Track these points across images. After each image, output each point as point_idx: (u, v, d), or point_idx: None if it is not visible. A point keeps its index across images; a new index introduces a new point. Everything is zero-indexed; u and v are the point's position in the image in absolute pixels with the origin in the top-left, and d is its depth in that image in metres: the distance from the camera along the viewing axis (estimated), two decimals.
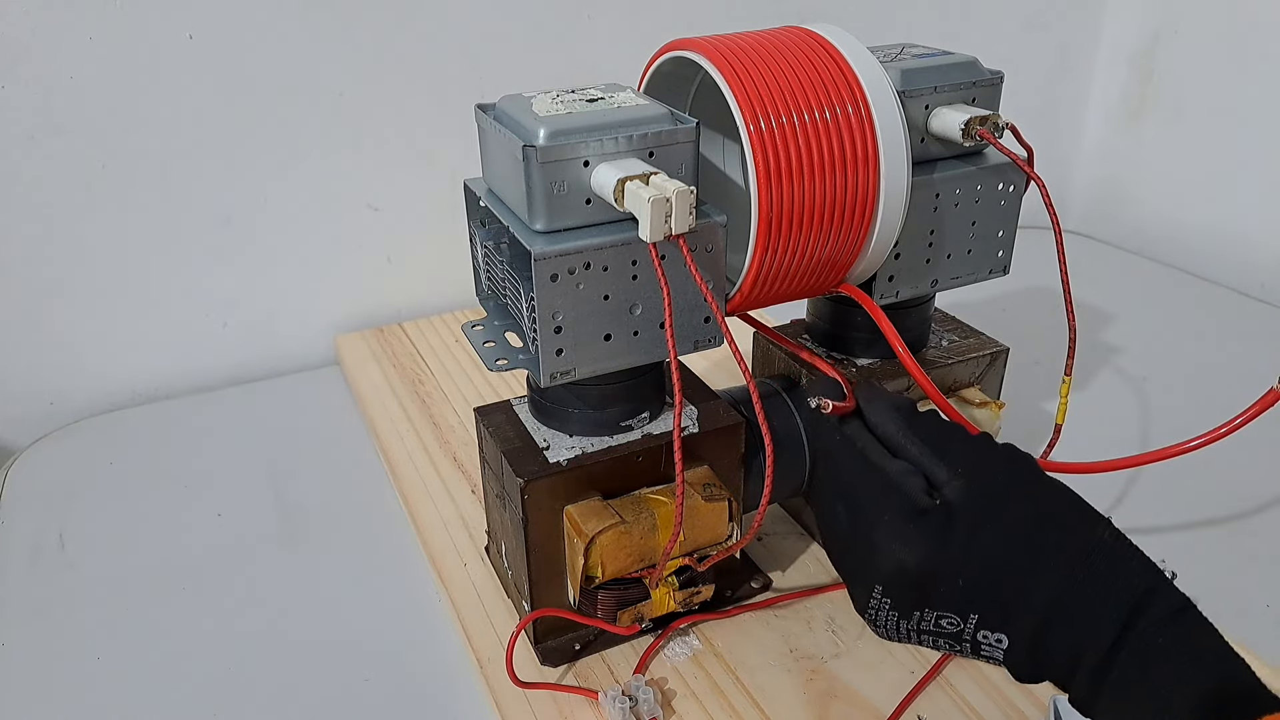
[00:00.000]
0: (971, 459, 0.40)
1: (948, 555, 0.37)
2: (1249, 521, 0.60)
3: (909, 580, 0.37)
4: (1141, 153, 1.04)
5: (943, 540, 0.37)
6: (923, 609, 0.37)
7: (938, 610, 0.37)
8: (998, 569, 0.36)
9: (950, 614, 0.37)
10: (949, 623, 0.37)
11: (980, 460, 0.40)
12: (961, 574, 0.37)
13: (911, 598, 0.38)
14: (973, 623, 0.37)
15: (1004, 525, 0.37)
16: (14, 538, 0.60)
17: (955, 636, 0.37)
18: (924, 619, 0.37)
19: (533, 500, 0.44)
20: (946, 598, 0.37)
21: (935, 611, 0.37)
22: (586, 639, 0.49)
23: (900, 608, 0.38)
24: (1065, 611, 0.35)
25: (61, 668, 0.50)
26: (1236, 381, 0.75)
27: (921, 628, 0.38)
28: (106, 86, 0.68)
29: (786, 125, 0.39)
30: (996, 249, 0.53)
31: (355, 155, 0.77)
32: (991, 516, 0.37)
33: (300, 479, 0.65)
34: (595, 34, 0.81)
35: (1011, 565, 0.36)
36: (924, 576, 0.37)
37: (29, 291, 0.71)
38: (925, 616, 0.37)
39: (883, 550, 0.38)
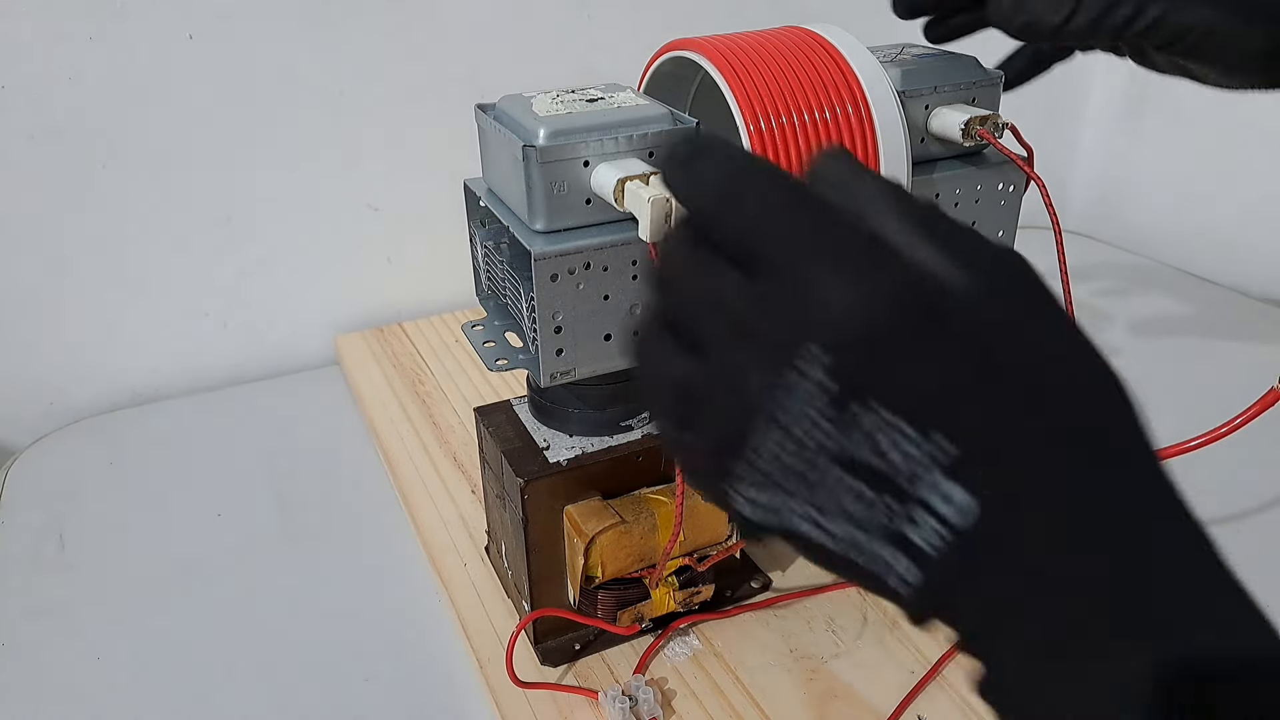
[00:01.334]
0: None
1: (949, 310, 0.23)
2: (1248, 522, 0.60)
3: (869, 336, 0.23)
4: (1142, 153, 1.04)
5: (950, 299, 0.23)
6: (873, 401, 0.23)
7: (894, 412, 0.23)
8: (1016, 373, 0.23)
9: (909, 428, 0.23)
10: (898, 448, 0.23)
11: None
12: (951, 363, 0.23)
13: (866, 373, 0.23)
14: (937, 458, 0.23)
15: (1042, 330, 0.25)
16: (14, 537, 0.60)
17: (888, 482, 0.23)
18: (867, 423, 0.23)
19: (533, 500, 0.44)
20: (922, 382, 0.23)
21: (893, 416, 0.23)
22: (586, 639, 0.49)
23: (845, 390, 0.23)
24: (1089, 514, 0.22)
25: (61, 668, 0.50)
26: (1237, 381, 0.75)
27: (847, 450, 0.23)
28: (106, 86, 0.68)
29: (786, 125, 0.39)
30: None
31: (355, 155, 0.77)
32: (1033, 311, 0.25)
33: (300, 479, 0.65)
34: (595, 34, 0.81)
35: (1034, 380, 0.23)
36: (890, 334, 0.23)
37: (28, 291, 0.71)
38: (871, 422, 0.23)
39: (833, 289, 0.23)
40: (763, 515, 0.26)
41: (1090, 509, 0.23)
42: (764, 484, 0.25)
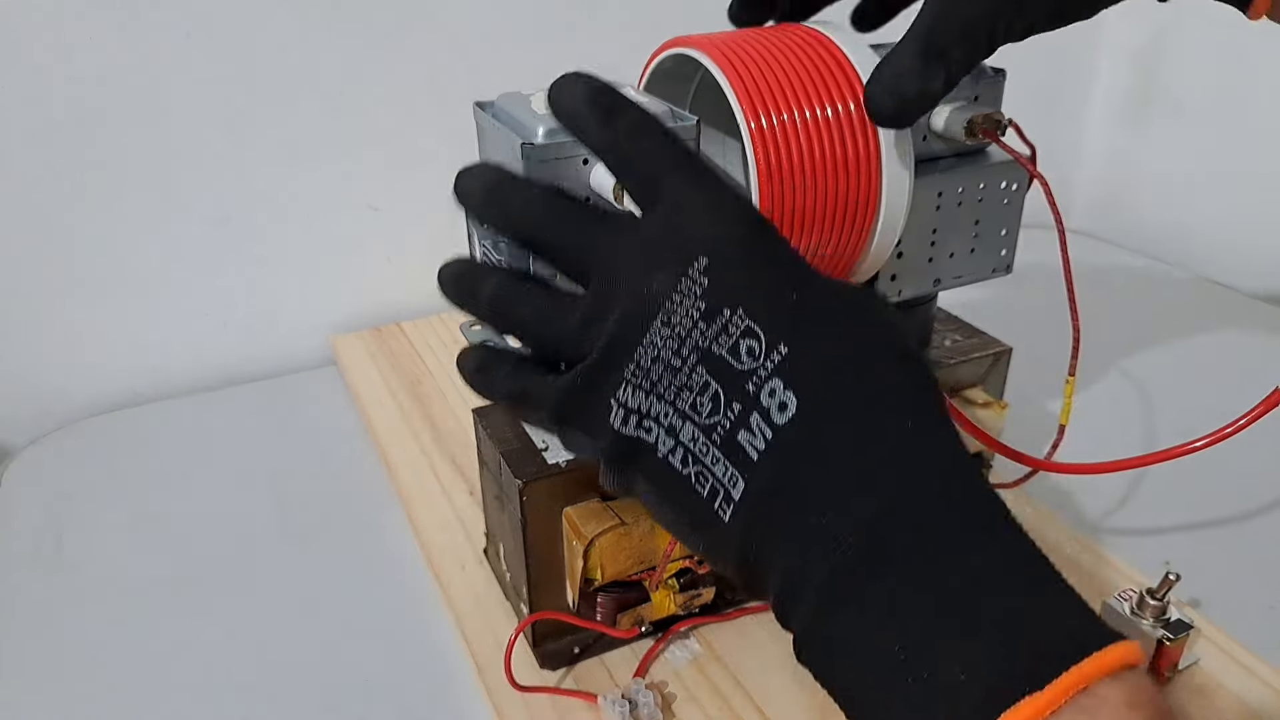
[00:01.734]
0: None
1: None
2: (1251, 522, 0.60)
3: (743, 245, 0.29)
4: (1145, 151, 1.03)
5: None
6: (736, 307, 0.28)
7: (753, 319, 0.27)
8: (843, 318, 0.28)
9: (759, 328, 0.27)
10: (749, 350, 0.27)
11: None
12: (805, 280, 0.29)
13: (738, 277, 0.28)
14: (774, 359, 0.27)
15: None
16: (12, 538, 0.59)
17: (736, 381, 0.27)
18: (729, 326, 0.28)
19: (531, 502, 0.44)
20: (773, 300, 0.28)
21: (749, 320, 0.27)
22: (586, 642, 0.48)
23: (714, 294, 0.28)
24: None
25: (60, 668, 0.50)
26: (1241, 382, 0.75)
27: (714, 348, 0.28)
28: (105, 85, 0.67)
29: (787, 123, 0.39)
30: (999, 248, 0.52)
31: (355, 155, 0.77)
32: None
33: (298, 479, 0.65)
34: (595, 33, 0.80)
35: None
36: (760, 246, 0.29)
37: (26, 291, 0.71)
38: (733, 324, 0.27)
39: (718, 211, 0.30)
40: (633, 427, 0.29)
41: (887, 429, 0.26)
42: (641, 385, 0.29)
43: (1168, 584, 0.46)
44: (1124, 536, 0.58)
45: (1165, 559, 0.55)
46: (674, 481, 0.28)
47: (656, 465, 0.29)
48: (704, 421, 0.27)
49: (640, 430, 0.29)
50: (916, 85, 0.38)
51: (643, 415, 0.29)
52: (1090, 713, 0.22)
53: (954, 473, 0.26)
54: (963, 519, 0.25)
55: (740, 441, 0.27)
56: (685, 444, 0.28)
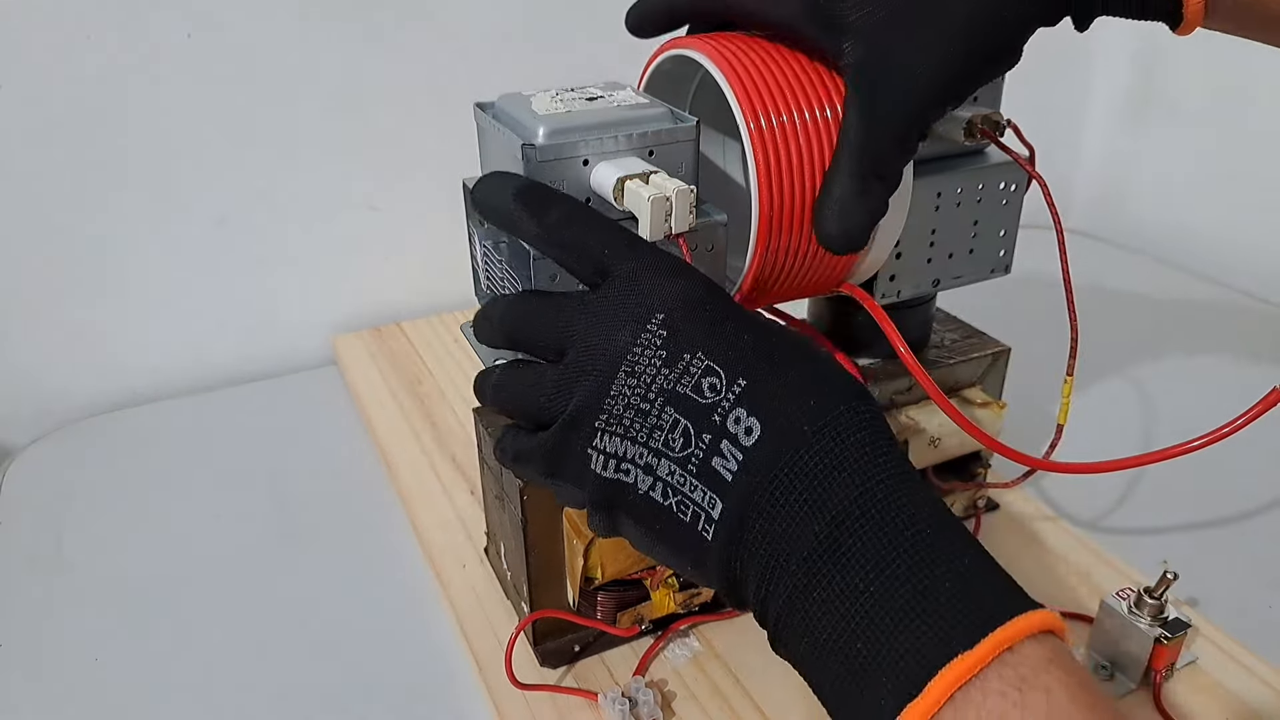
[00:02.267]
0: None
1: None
2: (1250, 522, 0.60)
3: (693, 304, 0.32)
4: (1143, 152, 1.04)
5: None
6: (697, 352, 0.31)
7: (711, 359, 0.31)
8: (792, 351, 0.32)
9: (719, 367, 0.31)
10: (711, 386, 0.31)
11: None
12: (755, 325, 0.32)
13: (693, 328, 0.32)
14: (735, 391, 0.30)
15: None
16: (11, 538, 0.60)
17: (703, 415, 0.31)
18: (690, 368, 0.31)
19: (532, 501, 0.44)
20: (729, 342, 0.31)
21: (707, 360, 0.31)
22: (586, 640, 0.49)
23: (674, 343, 0.32)
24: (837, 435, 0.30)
25: (59, 668, 0.50)
26: (1238, 381, 0.75)
27: (679, 388, 0.31)
28: (104, 85, 0.67)
29: (787, 123, 0.39)
30: (998, 248, 0.52)
31: (354, 155, 0.77)
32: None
33: (298, 480, 0.65)
34: (595, 33, 0.80)
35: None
36: (705, 303, 0.33)
37: (27, 291, 0.71)
38: (694, 365, 0.31)
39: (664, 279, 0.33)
40: (613, 470, 0.32)
41: (839, 434, 0.30)
42: (615, 430, 0.32)
43: (1165, 583, 0.46)
44: (1122, 535, 0.58)
45: (1163, 558, 0.55)
46: (656, 513, 0.32)
47: (638, 501, 0.32)
48: (678, 455, 0.31)
49: (620, 473, 0.32)
50: (860, 213, 0.38)
51: (620, 458, 0.32)
52: (1013, 666, 0.25)
53: (902, 478, 0.29)
54: (911, 517, 0.28)
55: (714, 467, 0.30)
56: (663, 478, 0.31)
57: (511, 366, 0.37)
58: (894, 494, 0.29)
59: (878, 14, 0.37)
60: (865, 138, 0.37)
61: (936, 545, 0.28)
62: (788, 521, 0.29)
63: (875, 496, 0.28)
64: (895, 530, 0.28)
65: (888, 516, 0.28)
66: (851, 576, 0.28)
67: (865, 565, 0.27)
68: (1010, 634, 0.26)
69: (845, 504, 0.28)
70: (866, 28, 0.37)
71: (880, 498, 0.28)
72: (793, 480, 0.29)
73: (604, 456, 0.32)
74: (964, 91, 0.38)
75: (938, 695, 0.25)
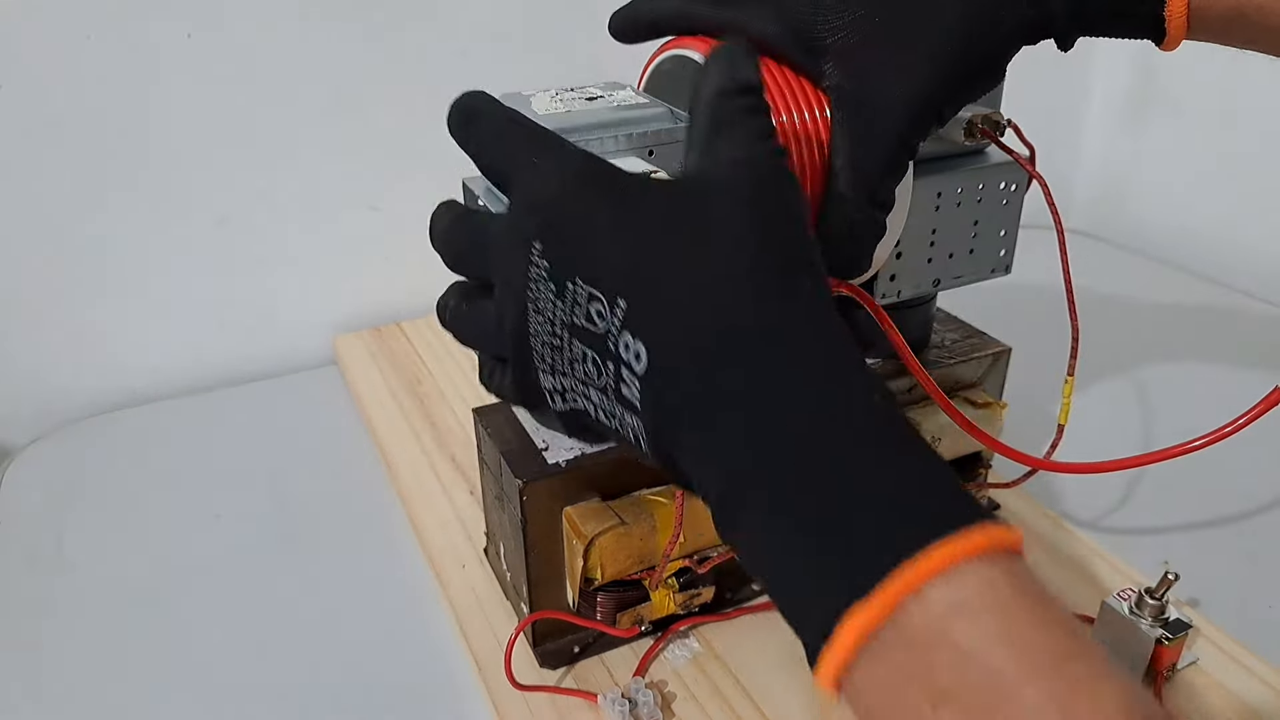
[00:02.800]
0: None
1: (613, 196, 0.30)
2: (1250, 522, 0.60)
3: (561, 221, 0.30)
4: (1143, 151, 1.04)
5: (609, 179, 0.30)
6: (574, 277, 0.29)
7: (589, 284, 0.28)
8: (675, 251, 0.28)
9: (598, 291, 0.28)
10: (598, 312, 0.28)
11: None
12: (619, 234, 0.29)
13: (567, 249, 0.29)
14: (618, 315, 0.28)
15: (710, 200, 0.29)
16: (11, 538, 0.60)
17: (600, 344, 0.29)
18: (577, 297, 0.29)
19: (531, 502, 0.44)
20: (603, 259, 0.29)
21: (588, 287, 0.28)
22: (586, 641, 0.49)
23: (556, 271, 0.29)
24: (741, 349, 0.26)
25: (59, 668, 0.50)
26: (1239, 382, 0.75)
27: (574, 319, 0.29)
28: (104, 85, 0.67)
29: (786, 124, 0.39)
30: (999, 248, 0.52)
31: (354, 155, 0.77)
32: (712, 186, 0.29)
33: (298, 480, 0.65)
34: (595, 33, 0.80)
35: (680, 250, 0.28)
36: (576, 217, 0.30)
37: (27, 291, 0.71)
38: (578, 293, 0.29)
39: (543, 192, 0.31)
40: (565, 402, 0.31)
41: (731, 343, 0.26)
42: (546, 368, 0.31)
43: (1166, 583, 0.46)
44: (1123, 536, 0.58)
45: (1164, 558, 0.55)
46: (610, 432, 0.31)
47: (595, 425, 0.32)
48: (598, 384, 0.30)
49: (571, 403, 0.31)
50: (872, 233, 0.38)
51: (564, 391, 0.31)
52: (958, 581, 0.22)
53: (820, 370, 0.26)
54: (830, 416, 0.25)
55: (625, 395, 0.29)
56: (598, 404, 0.30)
57: (460, 295, 0.35)
58: (806, 393, 0.26)
59: (852, 38, 0.37)
60: (852, 164, 0.37)
61: (862, 445, 0.25)
62: (699, 440, 0.27)
63: (784, 400, 0.26)
64: (815, 435, 0.25)
65: (806, 422, 0.25)
66: (770, 494, 0.25)
67: (784, 481, 0.25)
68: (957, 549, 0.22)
69: (751, 415, 0.26)
70: (844, 50, 0.37)
71: (791, 400, 0.26)
72: (690, 401, 0.27)
73: (552, 392, 0.32)
74: (946, 113, 0.38)
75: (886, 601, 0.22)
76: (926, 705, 0.22)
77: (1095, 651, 0.22)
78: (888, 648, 0.22)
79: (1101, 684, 0.21)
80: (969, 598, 0.22)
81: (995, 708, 0.21)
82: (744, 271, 0.27)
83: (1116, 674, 0.21)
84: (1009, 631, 0.21)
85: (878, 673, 0.22)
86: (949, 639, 0.21)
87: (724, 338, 0.26)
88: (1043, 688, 0.21)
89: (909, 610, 0.22)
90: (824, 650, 0.23)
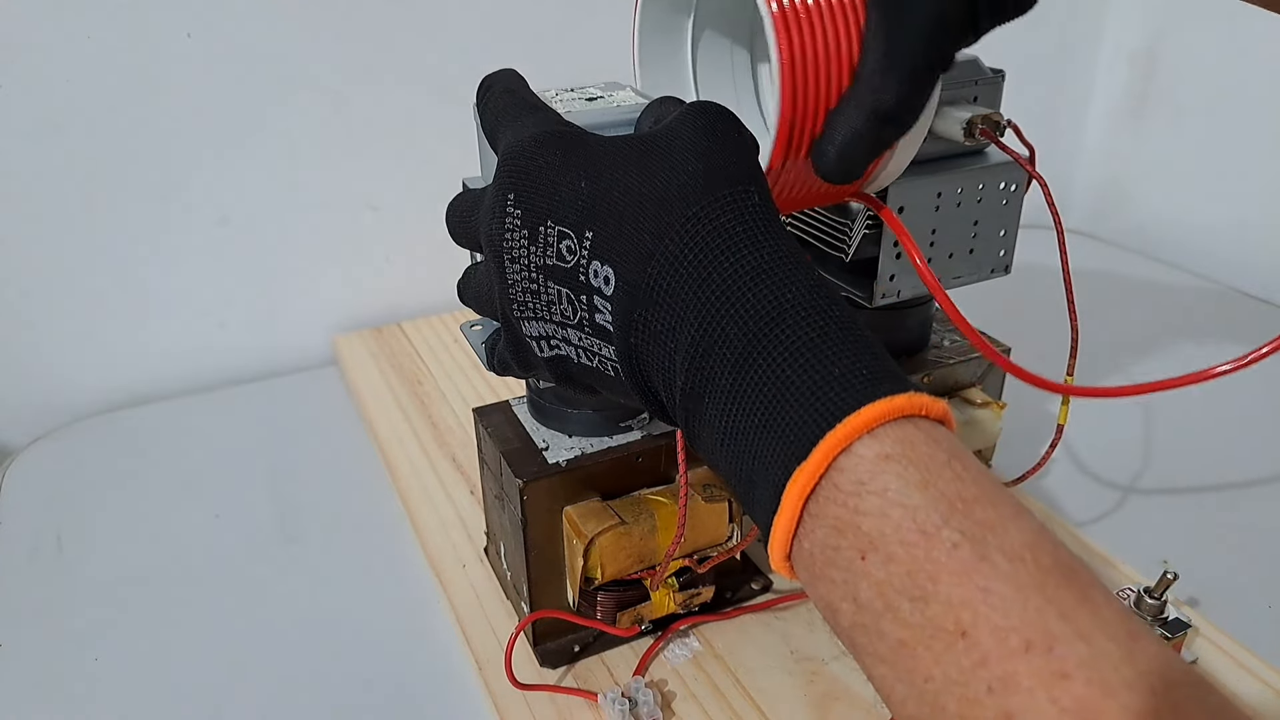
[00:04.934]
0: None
1: (576, 137, 0.32)
2: (1250, 521, 0.60)
3: (529, 171, 0.32)
4: (1143, 152, 1.04)
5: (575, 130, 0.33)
6: (545, 220, 0.32)
7: (559, 224, 0.31)
8: (633, 180, 0.30)
9: (566, 228, 0.31)
10: (568, 248, 0.31)
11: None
12: (582, 174, 0.31)
13: (537, 197, 0.32)
14: (586, 246, 0.31)
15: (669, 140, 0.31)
16: (12, 538, 0.60)
17: (572, 278, 0.31)
18: (548, 238, 0.31)
19: (531, 501, 0.44)
20: (569, 200, 0.31)
21: (557, 226, 0.31)
22: (586, 640, 0.49)
23: (527, 218, 0.32)
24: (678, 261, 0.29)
25: (59, 669, 0.50)
26: (1239, 381, 0.75)
27: (547, 260, 0.32)
28: (104, 85, 0.67)
29: (811, 5, 0.35)
30: (998, 248, 0.52)
31: (354, 155, 0.77)
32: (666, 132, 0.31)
33: (298, 480, 0.65)
34: (595, 33, 0.80)
35: (648, 182, 0.30)
36: (541, 165, 0.32)
37: (26, 291, 0.71)
38: (549, 235, 0.31)
39: (516, 149, 0.33)
40: (549, 349, 0.34)
41: (686, 243, 0.29)
42: (527, 315, 0.33)
43: (1165, 583, 0.46)
44: (1123, 536, 0.58)
45: (1163, 558, 0.55)
46: (592, 373, 0.34)
47: (578, 370, 0.34)
48: (575, 322, 0.32)
49: (554, 350, 0.34)
50: (864, 154, 0.35)
51: (546, 338, 0.34)
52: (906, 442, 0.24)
53: (768, 264, 0.28)
54: (777, 304, 0.27)
55: (600, 323, 0.31)
56: (577, 345, 0.33)
57: (468, 268, 0.39)
58: (759, 292, 0.28)
59: None
60: (882, 69, 0.34)
61: (807, 335, 0.27)
62: (664, 349, 0.29)
63: (739, 302, 0.28)
64: (768, 332, 0.27)
65: (755, 322, 0.27)
66: (723, 382, 0.27)
67: (735, 375, 0.27)
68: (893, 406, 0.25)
69: (710, 319, 0.28)
70: None
71: (746, 301, 0.28)
72: (656, 316, 0.29)
73: (536, 340, 0.34)
74: (983, 24, 0.35)
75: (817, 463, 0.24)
76: (856, 556, 0.24)
77: (1006, 497, 0.24)
78: (824, 505, 0.25)
79: (1009, 524, 0.23)
80: (892, 451, 0.24)
81: (915, 545, 0.23)
82: (695, 183, 0.29)
83: (1026, 516, 0.24)
84: (927, 479, 0.24)
85: (817, 535, 0.25)
86: (874, 486, 0.24)
87: (681, 238, 0.29)
88: (956, 527, 0.23)
89: (841, 466, 0.24)
90: (774, 522, 0.25)
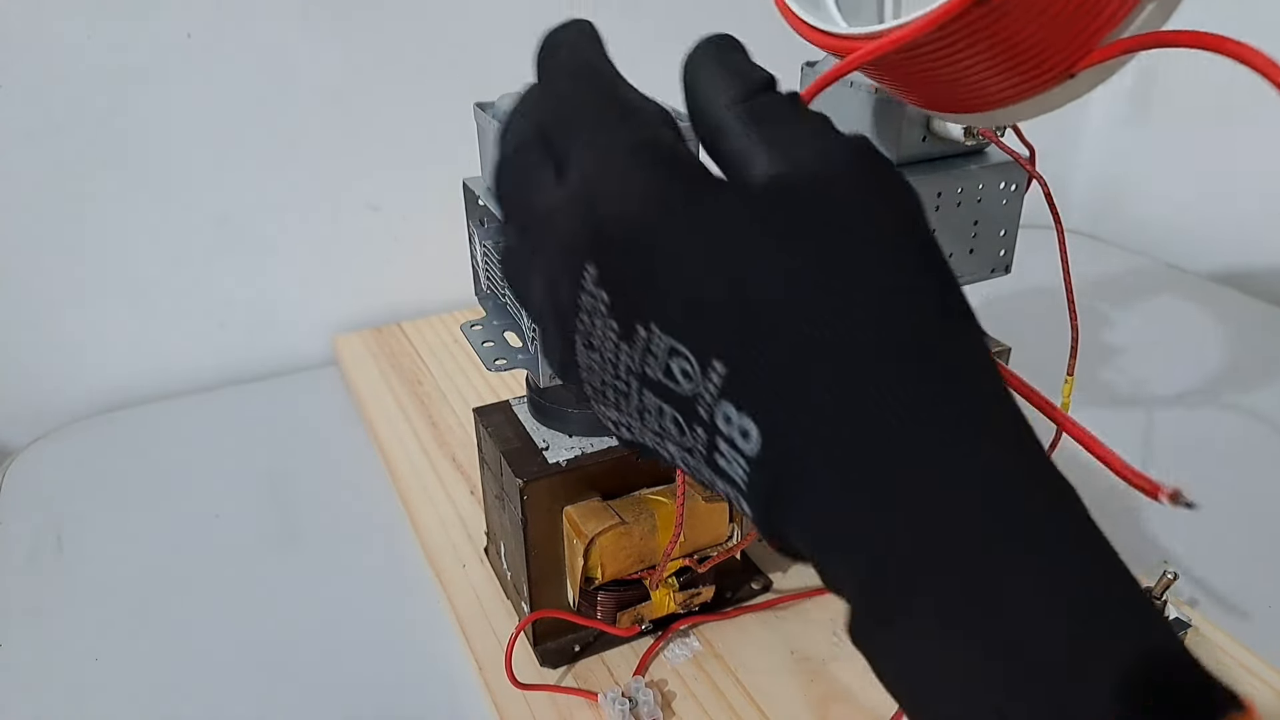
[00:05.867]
0: (807, 144, 0.23)
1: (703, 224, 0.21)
2: (1250, 521, 0.60)
3: (630, 244, 0.22)
4: (1144, 152, 1.04)
5: (701, 204, 0.22)
6: (646, 322, 0.21)
7: (666, 332, 0.21)
8: (801, 293, 0.20)
9: (683, 346, 0.21)
10: (682, 369, 0.21)
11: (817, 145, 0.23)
12: (716, 264, 0.21)
13: (638, 286, 0.22)
14: (714, 380, 0.21)
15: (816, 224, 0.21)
16: (11, 538, 0.60)
17: (687, 407, 0.22)
18: (651, 346, 0.21)
19: (532, 501, 0.44)
20: (680, 302, 0.21)
21: (663, 333, 0.21)
22: (586, 640, 0.49)
23: (620, 310, 0.22)
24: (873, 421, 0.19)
25: (59, 669, 0.50)
26: (1240, 381, 0.75)
27: (646, 370, 0.22)
28: (104, 85, 0.67)
29: None
30: (998, 248, 0.52)
31: (355, 154, 0.77)
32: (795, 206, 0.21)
33: (298, 480, 0.65)
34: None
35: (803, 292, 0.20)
36: (652, 239, 0.21)
37: (26, 291, 0.71)
38: (652, 342, 0.21)
39: (605, 190, 0.22)
40: (629, 435, 0.25)
41: (870, 430, 0.19)
42: (605, 404, 0.24)
43: (1165, 583, 0.46)
44: (1123, 536, 0.58)
45: (1163, 558, 0.55)
46: (690, 470, 0.24)
47: (668, 460, 0.25)
48: (679, 441, 0.23)
49: (640, 438, 0.25)
50: None
51: (629, 427, 0.25)
52: None
53: (995, 450, 0.20)
54: (1004, 527, 0.19)
55: (721, 465, 0.22)
56: (676, 456, 0.24)
57: (509, 247, 0.28)
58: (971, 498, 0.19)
59: None
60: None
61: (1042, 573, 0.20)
62: (831, 533, 0.21)
63: (945, 509, 0.19)
64: (983, 554, 0.19)
65: (968, 532, 0.19)
66: (924, 624, 0.20)
67: (944, 610, 0.19)
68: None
69: (904, 520, 0.19)
70: None
71: (953, 508, 0.19)
72: (820, 490, 0.20)
73: (614, 424, 0.25)
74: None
75: None
76: None
77: None
78: None
79: None
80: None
81: None
82: (897, 333, 0.20)
83: None
84: None
85: None
86: None
87: (877, 419, 0.19)
88: None
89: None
90: None
